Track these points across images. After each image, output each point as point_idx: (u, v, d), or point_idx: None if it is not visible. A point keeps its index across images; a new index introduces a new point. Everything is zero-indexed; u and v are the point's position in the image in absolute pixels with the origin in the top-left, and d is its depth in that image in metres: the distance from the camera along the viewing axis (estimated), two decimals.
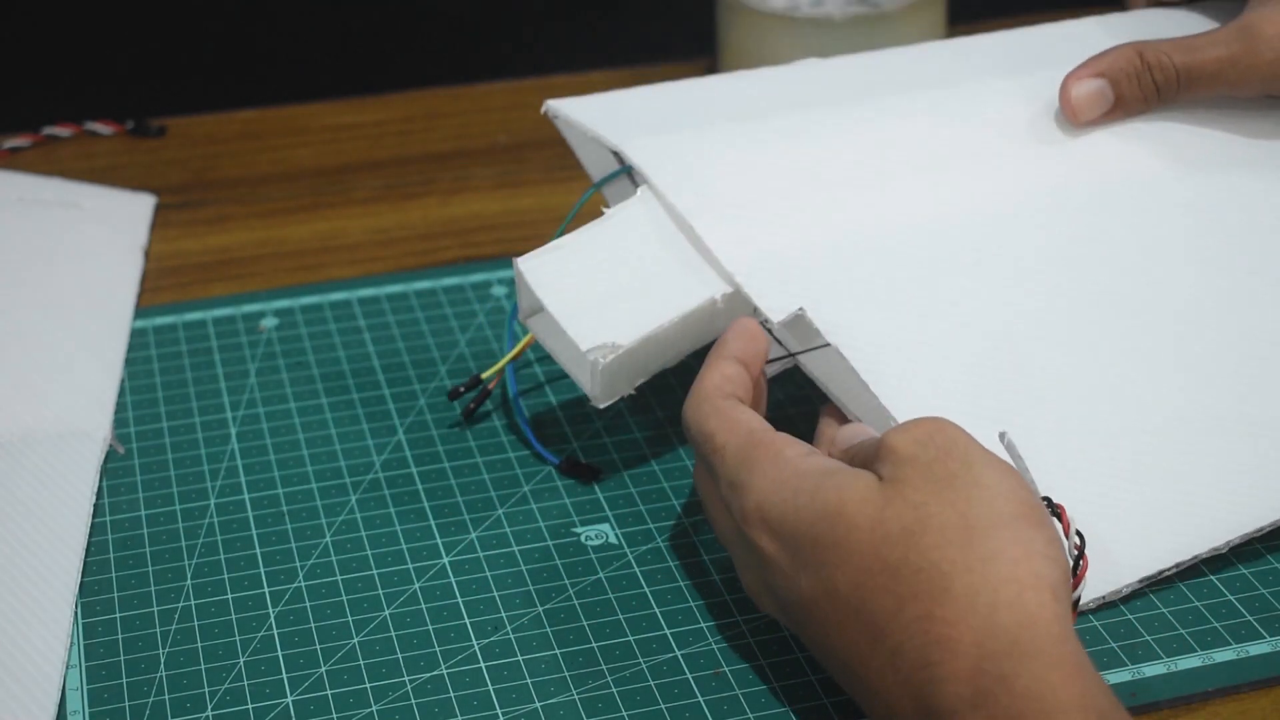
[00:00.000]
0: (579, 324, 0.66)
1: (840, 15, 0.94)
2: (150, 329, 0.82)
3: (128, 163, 0.96)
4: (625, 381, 0.67)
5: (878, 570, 0.55)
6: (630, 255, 0.68)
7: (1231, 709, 0.60)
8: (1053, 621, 0.53)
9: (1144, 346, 0.68)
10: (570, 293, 0.67)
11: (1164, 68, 0.74)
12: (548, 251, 0.68)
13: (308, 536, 0.69)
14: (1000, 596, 0.53)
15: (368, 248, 0.88)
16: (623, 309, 0.66)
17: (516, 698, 0.61)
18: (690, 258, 0.68)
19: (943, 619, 0.53)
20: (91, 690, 0.62)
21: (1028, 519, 0.55)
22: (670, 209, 0.69)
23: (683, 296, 0.67)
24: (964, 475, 0.56)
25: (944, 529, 0.55)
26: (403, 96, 1.03)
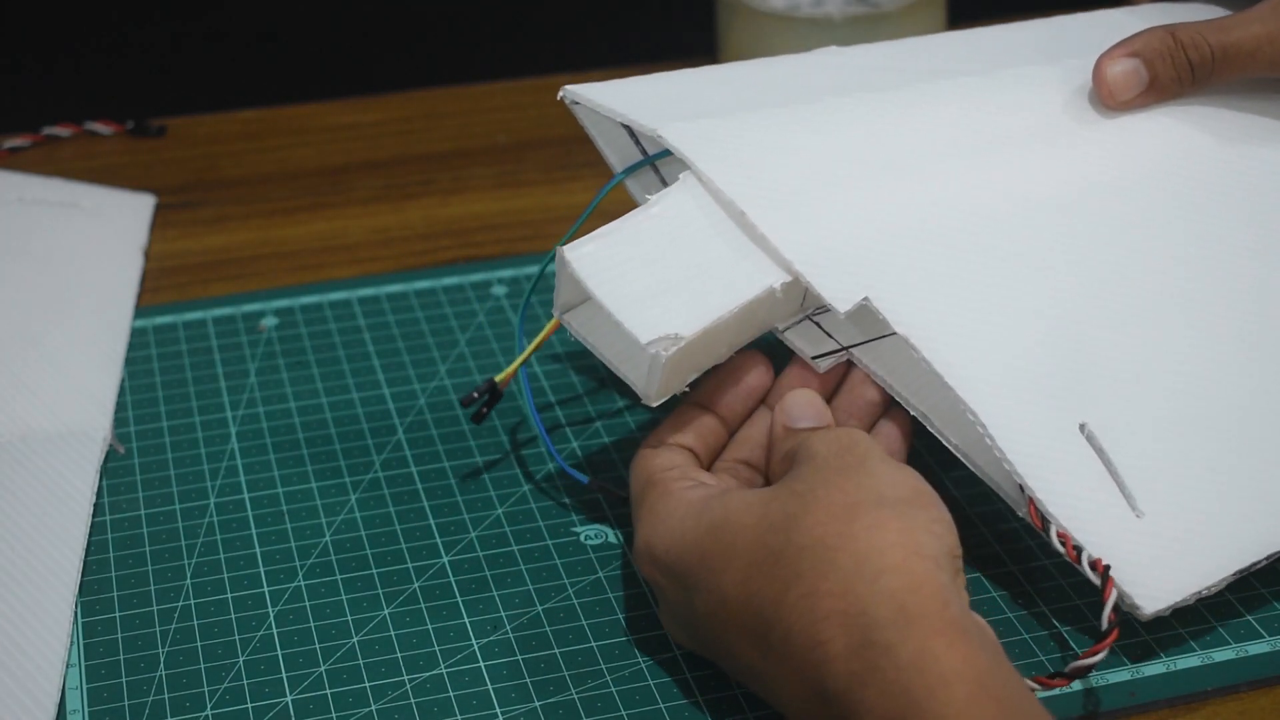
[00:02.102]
0: (636, 316, 0.61)
1: (840, 15, 0.94)
2: (150, 329, 0.82)
3: (128, 163, 0.96)
4: (679, 378, 0.64)
5: (762, 559, 0.55)
6: (681, 243, 0.64)
7: (1231, 709, 0.60)
8: (938, 586, 0.53)
9: (1209, 332, 0.66)
10: (622, 283, 0.62)
11: (1198, 46, 0.72)
12: (593, 240, 0.63)
13: (307, 536, 0.69)
14: (886, 561, 0.53)
15: (368, 248, 0.88)
16: (680, 299, 0.62)
17: (516, 697, 0.61)
18: (743, 245, 0.64)
19: (828, 592, 0.53)
20: (91, 690, 0.62)
21: (912, 502, 0.56)
22: (717, 195, 0.65)
23: (741, 286, 0.63)
24: (855, 467, 0.57)
25: (829, 507, 0.55)
26: (403, 96, 1.03)
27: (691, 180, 0.65)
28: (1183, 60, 0.72)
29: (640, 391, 0.63)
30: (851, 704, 0.52)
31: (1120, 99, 0.72)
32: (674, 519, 0.59)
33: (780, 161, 0.66)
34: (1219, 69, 0.73)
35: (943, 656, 0.51)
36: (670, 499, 0.60)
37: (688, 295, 0.62)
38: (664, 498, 0.60)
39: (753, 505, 0.57)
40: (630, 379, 0.64)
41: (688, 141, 0.66)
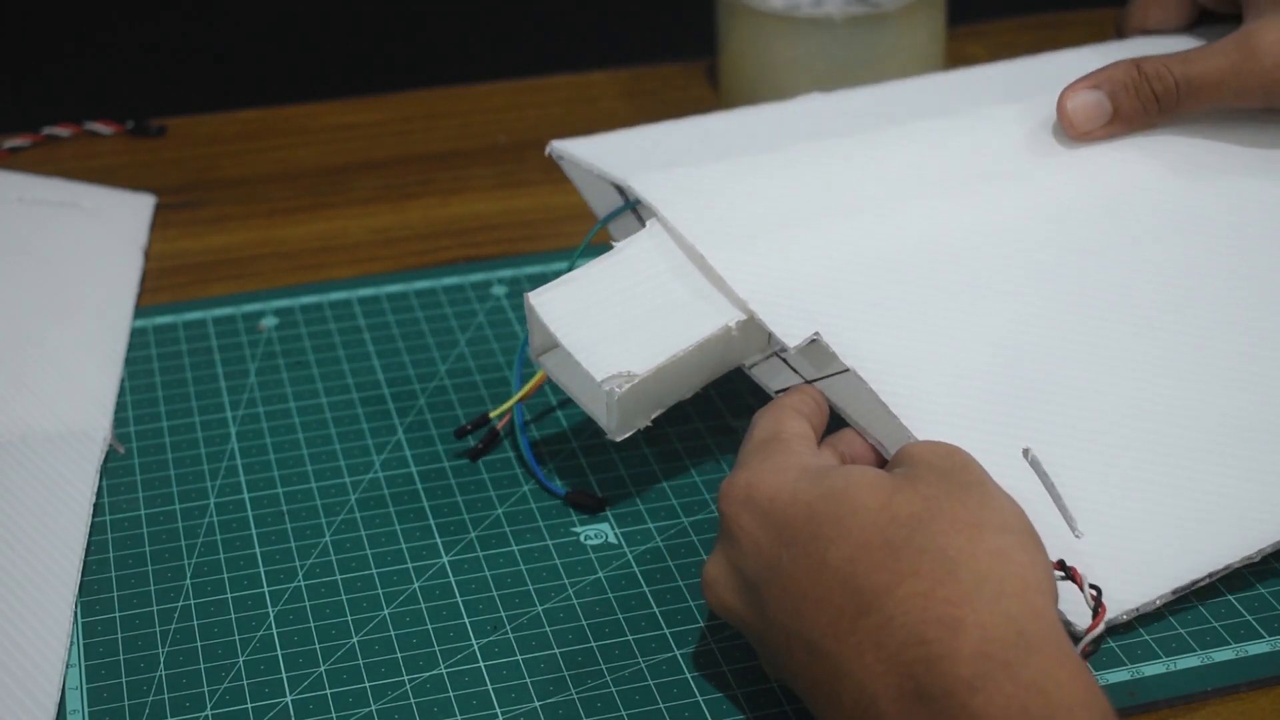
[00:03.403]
0: (592, 355, 0.65)
1: (840, 15, 0.94)
2: (150, 329, 0.82)
3: (128, 163, 0.96)
4: (641, 414, 0.67)
5: (877, 546, 0.55)
6: (642, 286, 0.68)
7: (1231, 709, 0.60)
8: (1055, 623, 0.53)
9: (1157, 357, 0.67)
10: (583, 325, 0.66)
11: (1162, 78, 0.74)
12: (558, 285, 0.67)
13: (307, 536, 0.69)
14: (1007, 587, 0.53)
15: (368, 248, 0.88)
16: (636, 339, 0.66)
17: (516, 697, 0.61)
18: (702, 287, 0.68)
19: (945, 598, 0.53)
20: (91, 690, 0.62)
21: (1034, 538, 0.56)
22: (680, 240, 0.69)
23: (697, 325, 0.66)
24: (977, 487, 0.56)
25: (954, 519, 0.55)
26: (403, 96, 1.03)
27: (657, 226, 0.69)
28: (1147, 91, 0.74)
29: (604, 426, 0.66)
30: (957, 707, 0.51)
31: (1082, 129, 0.74)
32: (789, 473, 0.58)
33: (741, 206, 0.70)
34: (1184, 100, 0.74)
35: (1066, 685, 0.51)
36: (791, 456, 0.59)
37: (645, 335, 0.66)
38: (785, 453, 0.60)
39: (877, 490, 0.56)
40: (596, 415, 0.67)
41: (653, 190, 0.70)
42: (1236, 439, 0.65)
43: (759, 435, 0.62)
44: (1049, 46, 1.06)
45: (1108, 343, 0.67)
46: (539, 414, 0.75)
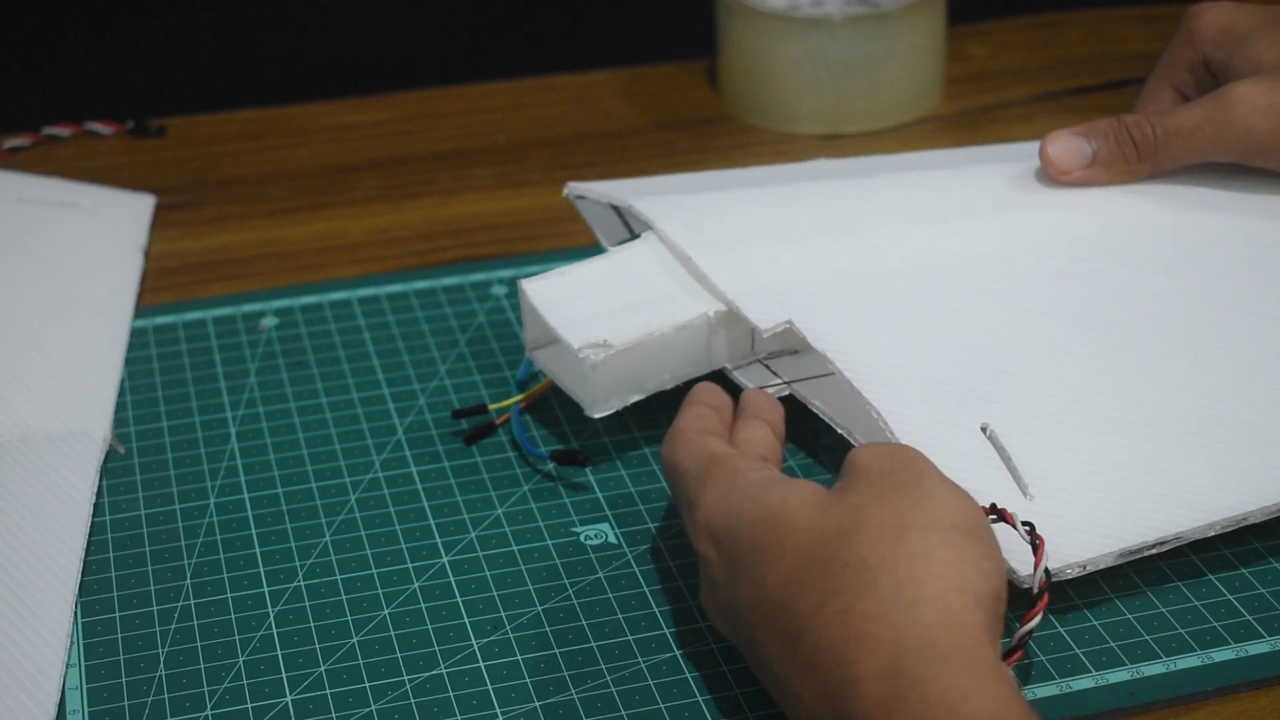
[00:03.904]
0: (574, 330, 0.69)
1: (840, 15, 0.94)
2: (150, 329, 0.82)
3: (128, 163, 0.96)
4: (618, 393, 0.70)
5: (807, 567, 0.55)
6: (631, 282, 0.72)
7: (1231, 709, 0.60)
8: (973, 625, 0.53)
9: (1120, 359, 0.70)
10: (569, 309, 0.70)
11: (1140, 126, 0.77)
12: (551, 275, 0.72)
13: (307, 536, 0.69)
14: (923, 592, 0.53)
15: (368, 248, 0.88)
16: (619, 321, 0.69)
17: (516, 697, 0.61)
18: (688, 284, 0.72)
19: (863, 613, 0.53)
20: (91, 690, 0.62)
21: (968, 532, 0.55)
22: (671, 247, 0.73)
23: (677, 313, 0.70)
24: (912, 485, 0.56)
25: (879, 526, 0.55)
26: (403, 96, 1.03)
27: (652, 237, 0.74)
28: (1125, 137, 0.77)
29: (583, 403, 0.70)
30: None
31: (1062, 169, 0.78)
32: (734, 497, 0.58)
33: (732, 224, 0.75)
34: (1161, 148, 0.77)
35: (973, 697, 0.50)
36: (737, 477, 0.59)
37: (627, 318, 0.70)
38: (730, 475, 0.59)
39: (809, 507, 0.56)
40: (578, 396, 0.70)
41: (652, 208, 0.75)
42: (1193, 430, 0.67)
43: (693, 465, 0.61)
44: (1049, 46, 1.07)
45: (1074, 345, 0.71)
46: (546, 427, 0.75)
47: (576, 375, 0.69)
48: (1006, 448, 0.65)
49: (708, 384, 0.67)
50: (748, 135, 0.98)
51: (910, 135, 0.97)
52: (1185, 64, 0.81)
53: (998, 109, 1.00)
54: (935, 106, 1.00)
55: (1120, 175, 0.78)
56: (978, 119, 0.99)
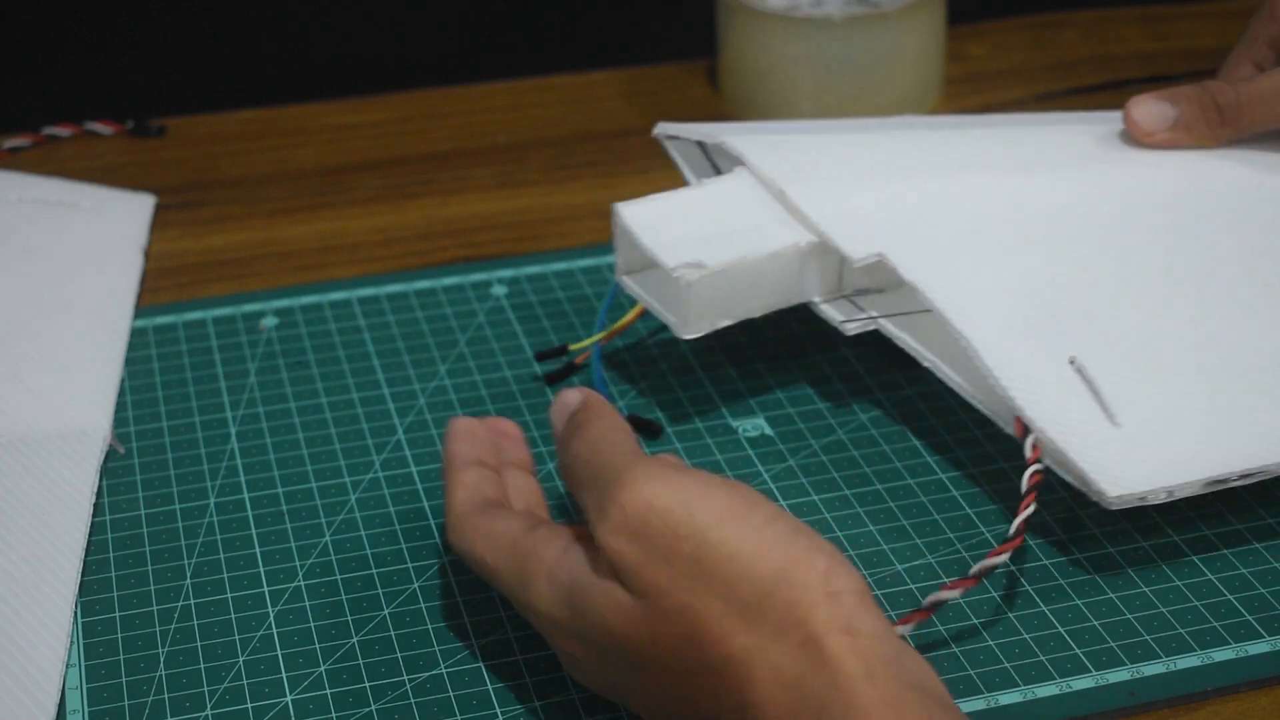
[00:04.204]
0: (669, 251, 0.70)
1: (840, 15, 0.94)
2: (150, 329, 0.82)
3: (128, 163, 0.96)
4: (709, 316, 0.70)
5: (681, 673, 0.53)
6: (723, 210, 0.73)
7: (1231, 709, 0.60)
8: (857, 663, 0.51)
9: (1201, 303, 0.71)
10: (663, 231, 0.71)
11: (1224, 91, 0.78)
12: (645, 200, 0.73)
13: (307, 536, 0.69)
14: (803, 664, 0.51)
15: (368, 248, 0.88)
16: (712, 245, 0.70)
17: (516, 697, 0.61)
18: (780, 215, 0.72)
19: (755, 704, 0.52)
20: (91, 690, 0.62)
21: (794, 564, 0.52)
22: (763, 180, 0.74)
23: (770, 241, 0.71)
24: (707, 556, 0.53)
25: (721, 620, 0.52)
26: (403, 96, 1.03)
27: (743, 171, 0.75)
28: (1209, 100, 0.78)
29: (675, 326, 0.70)
30: None
31: (1147, 129, 0.79)
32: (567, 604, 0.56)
33: (823, 163, 0.76)
34: (1245, 111, 0.78)
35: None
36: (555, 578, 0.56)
37: (720, 243, 0.70)
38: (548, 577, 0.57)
39: (635, 625, 0.54)
40: (668, 319, 0.71)
41: (744, 143, 0.75)
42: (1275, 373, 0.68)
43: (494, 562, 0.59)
44: (1049, 46, 1.07)
45: (1160, 290, 0.71)
46: None
47: (670, 296, 0.70)
48: (1095, 379, 0.66)
49: (461, 423, 0.64)
50: None
51: None
52: (1268, 40, 0.81)
53: (998, 109, 1.00)
54: (935, 106, 1.00)
55: (1202, 138, 0.79)
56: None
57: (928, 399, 0.74)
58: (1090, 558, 0.66)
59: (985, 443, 0.72)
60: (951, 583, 0.61)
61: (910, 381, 0.75)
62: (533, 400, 0.76)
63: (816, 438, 0.73)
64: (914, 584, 0.65)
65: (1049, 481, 0.66)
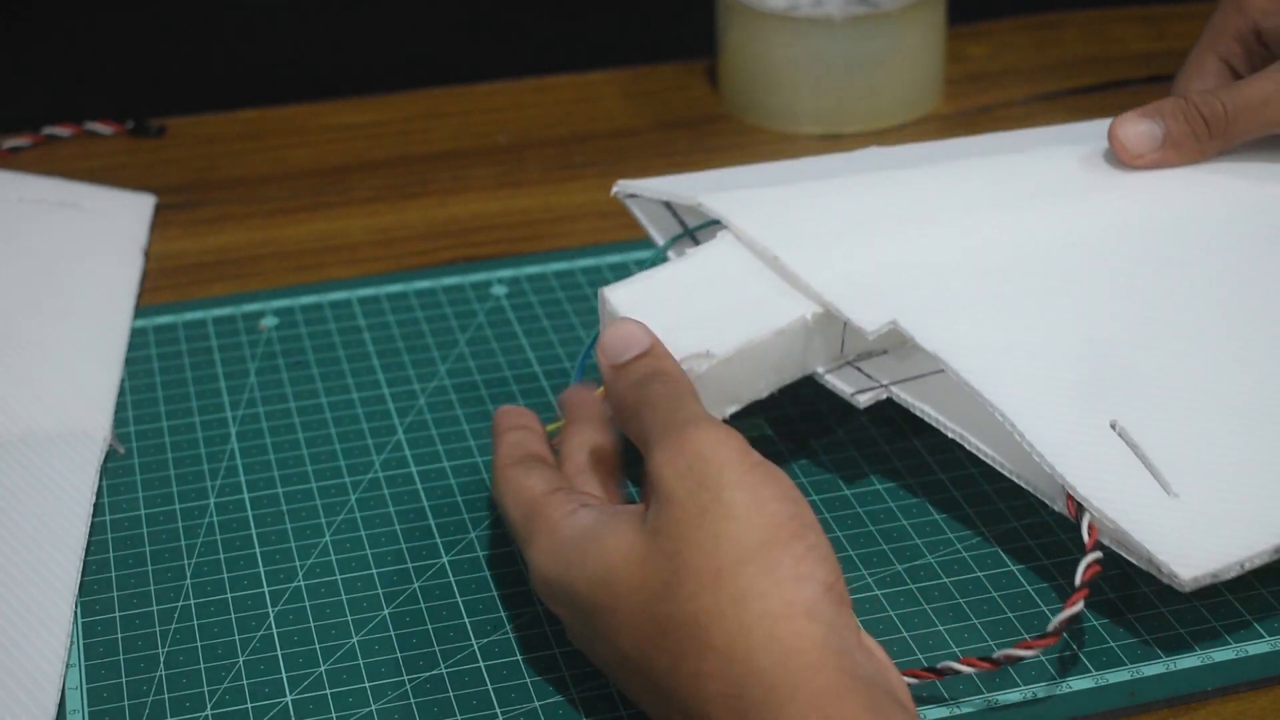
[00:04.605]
0: (670, 338, 0.64)
1: (840, 15, 0.94)
2: (150, 329, 0.82)
3: (128, 163, 0.96)
4: (716, 405, 0.66)
5: (650, 630, 0.54)
6: (716, 285, 0.68)
7: (1231, 709, 0.60)
8: (810, 648, 0.52)
9: (1235, 344, 0.67)
10: (660, 317, 0.65)
11: (1210, 103, 0.75)
12: (632, 281, 0.68)
13: (307, 536, 0.69)
14: (755, 638, 0.52)
15: (368, 248, 0.88)
16: (713, 328, 0.65)
17: (516, 697, 0.61)
18: (777, 284, 0.68)
19: (709, 674, 0.52)
20: (91, 689, 0.62)
21: (774, 542, 0.53)
22: (751, 245, 0.69)
23: (774, 317, 0.66)
24: (714, 509, 0.54)
25: (698, 575, 0.53)
26: (403, 96, 1.03)
27: (728, 236, 0.69)
28: (1195, 115, 0.75)
29: None
30: None
31: (1135, 152, 0.75)
32: (560, 561, 0.57)
33: (810, 217, 0.71)
34: (1233, 122, 0.75)
35: None
36: (556, 535, 0.58)
37: (721, 325, 0.65)
38: (550, 532, 0.58)
39: (630, 564, 0.55)
40: None
41: (723, 205, 0.70)
42: None
43: (518, 516, 0.60)
44: (1049, 46, 1.07)
45: (1191, 334, 0.68)
46: None
47: None
48: (1140, 444, 0.63)
49: (508, 407, 0.66)
50: (747, 135, 0.98)
51: (910, 135, 0.97)
52: (1234, 33, 0.79)
53: (998, 109, 1.00)
54: (935, 106, 1.00)
55: (1192, 154, 0.76)
56: (978, 119, 0.99)
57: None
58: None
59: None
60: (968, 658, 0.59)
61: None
62: (533, 401, 0.76)
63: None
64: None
65: None
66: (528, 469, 0.61)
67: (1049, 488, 0.63)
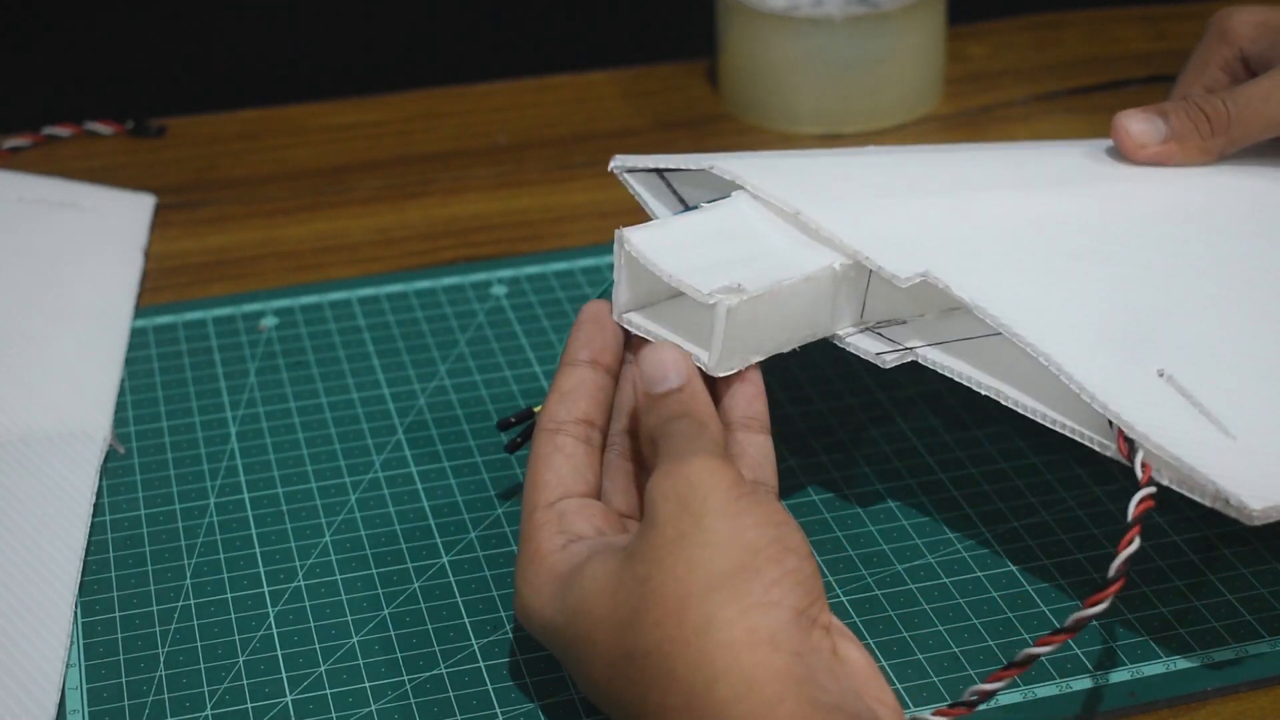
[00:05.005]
0: (698, 278, 0.61)
1: (840, 15, 0.94)
2: (150, 329, 0.82)
3: (128, 163, 0.96)
4: (740, 351, 0.62)
5: (619, 660, 0.54)
6: (739, 236, 0.65)
7: (1231, 709, 0.60)
8: (770, 681, 0.51)
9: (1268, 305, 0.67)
10: (683, 258, 0.62)
11: (1212, 102, 0.76)
12: (651, 225, 0.64)
13: (307, 536, 0.69)
14: (717, 668, 0.51)
15: (368, 248, 0.88)
16: (740, 272, 0.62)
17: (515, 697, 0.61)
18: (800, 238, 0.65)
19: (673, 707, 0.52)
20: (91, 690, 0.62)
21: (747, 568, 0.53)
22: (771, 203, 0.66)
23: (802, 263, 0.63)
24: (692, 535, 0.54)
25: (663, 603, 0.53)
26: (403, 96, 1.03)
27: (744, 195, 0.66)
28: (1197, 112, 0.75)
29: (704, 361, 0.62)
30: None
31: (1139, 142, 0.75)
32: (545, 594, 0.57)
33: (827, 183, 0.68)
34: (1235, 121, 0.76)
35: None
36: (541, 567, 0.58)
37: (748, 269, 0.62)
38: (536, 562, 0.58)
39: (603, 592, 0.55)
40: (699, 355, 0.62)
41: (739, 167, 0.67)
42: None
43: (521, 524, 0.60)
44: (1049, 46, 1.07)
45: (1221, 299, 0.67)
46: None
47: (698, 329, 0.62)
48: (1191, 392, 0.61)
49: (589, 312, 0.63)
50: (747, 135, 0.98)
51: (910, 135, 0.97)
52: (1220, 63, 0.79)
53: (998, 109, 1.00)
54: (935, 106, 1.00)
55: (1194, 151, 0.76)
56: (978, 119, 0.99)
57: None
58: (1090, 558, 0.66)
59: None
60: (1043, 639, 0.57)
61: None
62: (533, 401, 0.76)
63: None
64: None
65: (1044, 481, 0.66)
66: (554, 450, 0.61)
67: (1098, 431, 0.61)
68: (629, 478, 0.63)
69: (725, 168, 0.67)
